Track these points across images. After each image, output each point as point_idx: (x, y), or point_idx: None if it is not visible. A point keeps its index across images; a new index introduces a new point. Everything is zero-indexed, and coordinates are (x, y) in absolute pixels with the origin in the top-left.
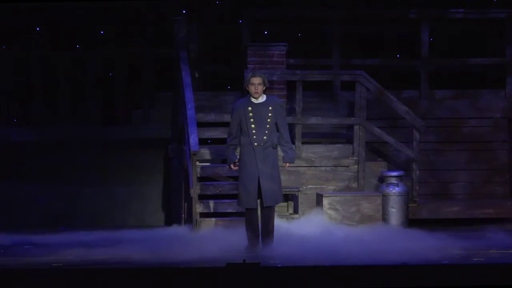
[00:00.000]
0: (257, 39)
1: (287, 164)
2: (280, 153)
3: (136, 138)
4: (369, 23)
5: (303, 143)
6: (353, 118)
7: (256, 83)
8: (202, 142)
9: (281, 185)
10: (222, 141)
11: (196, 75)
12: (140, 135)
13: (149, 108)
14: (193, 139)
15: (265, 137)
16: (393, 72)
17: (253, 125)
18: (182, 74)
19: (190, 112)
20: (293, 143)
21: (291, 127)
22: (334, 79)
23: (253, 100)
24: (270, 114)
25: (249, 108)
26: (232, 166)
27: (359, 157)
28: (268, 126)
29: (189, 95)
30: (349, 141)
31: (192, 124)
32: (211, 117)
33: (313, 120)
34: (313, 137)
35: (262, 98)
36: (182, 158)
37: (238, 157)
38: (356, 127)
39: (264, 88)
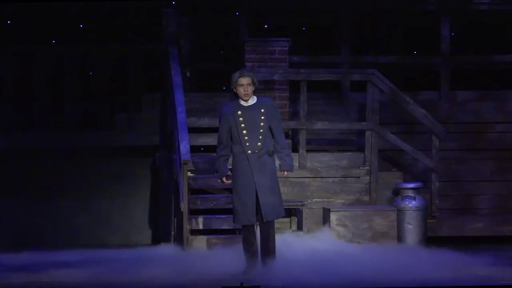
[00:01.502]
0: (256, 33)
1: (286, 172)
2: (276, 161)
3: (119, 146)
4: (382, 16)
5: (307, 151)
6: (364, 123)
7: (245, 83)
8: (194, 150)
9: (281, 197)
10: (216, 148)
11: (188, 74)
12: (124, 142)
13: (134, 111)
14: (184, 147)
15: (259, 144)
16: (409, 71)
17: (244, 131)
18: (171, 73)
19: (181, 116)
20: (297, 151)
21: (294, 133)
22: (342, 79)
23: (243, 103)
24: (262, 117)
25: (239, 113)
26: (224, 179)
27: (371, 167)
28: (261, 131)
29: (179, 96)
30: (360, 148)
31: (183, 130)
32: (204, 122)
33: (319, 125)
34: (319, 144)
35: (253, 100)
36: (171, 168)
37: (230, 168)
38: (367, 133)
39: (253, 89)
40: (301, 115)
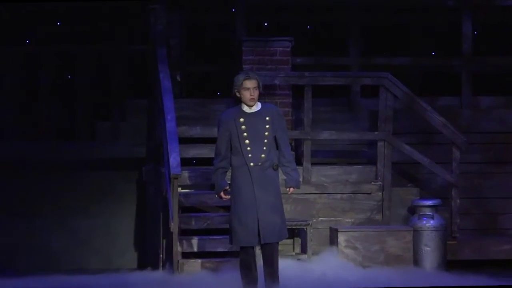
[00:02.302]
0: (255, 32)
1: (291, 189)
2: (281, 175)
3: (101, 158)
4: (397, 12)
5: (313, 164)
6: (376, 133)
7: (251, 87)
8: (186, 162)
9: (284, 216)
10: (210, 161)
11: (178, 78)
12: (107, 154)
13: (118, 119)
14: (174, 159)
15: (263, 155)
16: (427, 74)
17: (247, 141)
18: (160, 77)
19: (170, 124)
20: (301, 163)
21: (298, 144)
22: (352, 83)
23: (246, 109)
24: (267, 126)
25: (241, 120)
26: (222, 194)
27: (384, 182)
28: (266, 141)
29: (168, 103)
30: (371, 161)
31: (173, 140)
32: (196, 131)
33: (325, 135)
34: (326, 156)
35: (257, 107)
36: (160, 183)
37: (229, 183)
38: (380, 144)
39: (259, 93)
40: (306, 124)
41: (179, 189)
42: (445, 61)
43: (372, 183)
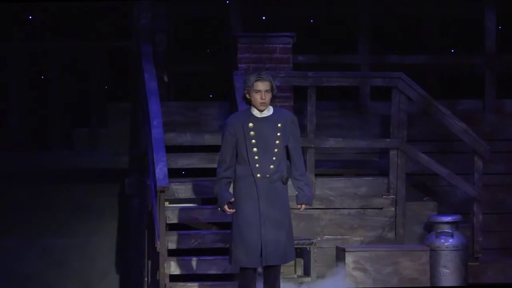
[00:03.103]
0: (252, 27)
1: (303, 206)
2: (291, 190)
3: (79, 169)
4: (411, 4)
5: (317, 175)
6: (388, 140)
7: (263, 89)
8: (174, 173)
9: (292, 237)
10: (201, 172)
11: (165, 78)
12: (85, 164)
13: (98, 125)
14: (161, 170)
15: (272, 166)
16: (445, 74)
17: (255, 149)
18: (144, 78)
19: (157, 131)
20: None
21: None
22: (361, 84)
23: (256, 113)
24: (279, 134)
25: (250, 125)
26: (226, 207)
27: (397, 195)
28: (276, 150)
29: (154, 107)
30: (383, 172)
31: (159, 149)
32: (186, 139)
33: (331, 143)
34: (332, 166)
35: (268, 111)
36: (144, 197)
37: (232, 196)
38: (392, 153)
39: (271, 97)
40: (309, 130)
41: (167, 204)
42: (466, 60)
43: (384, 196)
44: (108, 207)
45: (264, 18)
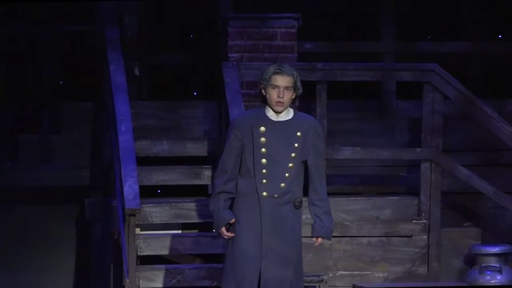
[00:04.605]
0: (245, 7)
1: (319, 240)
2: (304, 215)
3: (26, 186)
4: None
5: (329, 194)
6: (418, 150)
7: (281, 85)
8: (147, 192)
9: (302, 275)
10: (182, 190)
11: (136, 71)
12: (34, 181)
13: (50, 131)
14: (130, 188)
15: (282, 185)
16: (491, 67)
17: (264, 160)
18: (110, 70)
19: (125, 138)
20: None
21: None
22: (385, 78)
23: (271, 115)
24: (296, 145)
25: (262, 129)
26: (223, 230)
27: (430, 220)
28: (291, 165)
29: (123, 107)
30: (412, 190)
31: (129, 161)
32: (162, 148)
33: (346, 153)
34: (348, 183)
35: (287, 115)
36: (110, 222)
37: (233, 216)
38: (424, 166)
39: (293, 97)
40: None
41: (138, 231)
42: None
43: (414, 221)
44: (63, 236)
45: None
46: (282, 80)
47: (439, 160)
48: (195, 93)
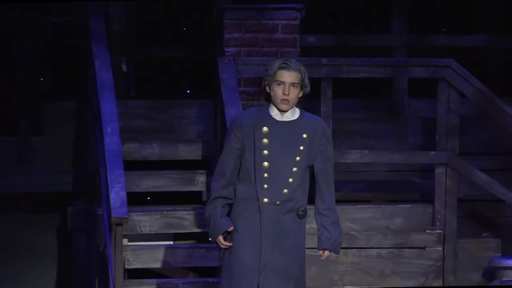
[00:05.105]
0: None
1: (326, 253)
2: (308, 224)
3: (2, 193)
4: None
5: (335, 201)
6: (433, 153)
7: (287, 81)
8: (136, 199)
9: None
10: (173, 198)
11: (124, 67)
12: (12, 187)
13: (29, 132)
14: (117, 195)
15: (285, 191)
16: (510, 62)
17: (266, 163)
18: (95, 66)
19: (111, 140)
20: None
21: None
22: (396, 75)
23: (275, 114)
24: (302, 148)
25: (264, 129)
26: (220, 239)
27: (445, 230)
28: (295, 170)
29: (109, 107)
30: (426, 197)
31: (115, 165)
32: (152, 151)
33: (354, 156)
34: (355, 189)
35: (293, 114)
36: (94, 232)
37: (232, 223)
38: (439, 170)
39: (299, 95)
40: None
41: (125, 242)
42: None
43: (427, 231)
44: (44, 247)
45: None
46: (288, 76)
47: (455, 164)
48: (188, 91)
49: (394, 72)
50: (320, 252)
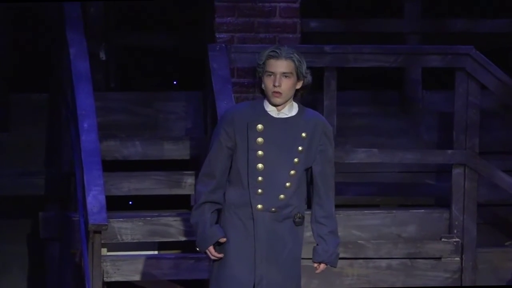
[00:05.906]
0: None
1: (321, 266)
2: (308, 231)
3: None
4: None
5: (339, 206)
6: (450, 151)
7: (278, 72)
8: (116, 204)
9: None
10: (159, 201)
11: (102, 55)
12: None
13: None
14: (95, 199)
15: (282, 196)
16: None
17: (260, 165)
18: (70, 54)
19: (88, 138)
20: None
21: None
22: (408, 64)
23: (270, 110)
24: (300, 148)
25: (259, 127)
26: (211, 251)
27: (464, 238)
28: (292, 172)
29: (85, 100)
30: (442, 201)
31: (93, 166)
32: (135, 150)
33: (361, 156)
34: (363, 192)
35: (290, 110)
36: (70, 239)
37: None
38: (456, 171)
39: (299, 87)
40: None
41: (104, 251)
42: None
43: (444, 240)
44: (13, 257)
45: None
46: (278, 65)
47: (475, 165)
48: (174, 83)
49: (407, 61)
50: (315, 265)
